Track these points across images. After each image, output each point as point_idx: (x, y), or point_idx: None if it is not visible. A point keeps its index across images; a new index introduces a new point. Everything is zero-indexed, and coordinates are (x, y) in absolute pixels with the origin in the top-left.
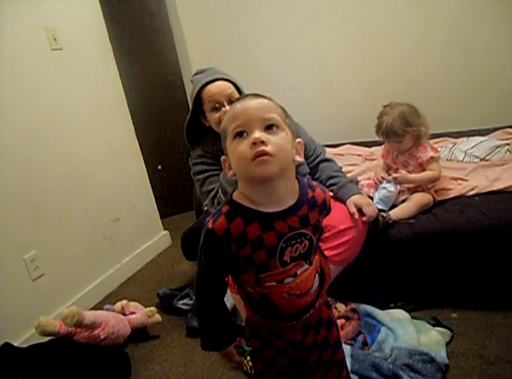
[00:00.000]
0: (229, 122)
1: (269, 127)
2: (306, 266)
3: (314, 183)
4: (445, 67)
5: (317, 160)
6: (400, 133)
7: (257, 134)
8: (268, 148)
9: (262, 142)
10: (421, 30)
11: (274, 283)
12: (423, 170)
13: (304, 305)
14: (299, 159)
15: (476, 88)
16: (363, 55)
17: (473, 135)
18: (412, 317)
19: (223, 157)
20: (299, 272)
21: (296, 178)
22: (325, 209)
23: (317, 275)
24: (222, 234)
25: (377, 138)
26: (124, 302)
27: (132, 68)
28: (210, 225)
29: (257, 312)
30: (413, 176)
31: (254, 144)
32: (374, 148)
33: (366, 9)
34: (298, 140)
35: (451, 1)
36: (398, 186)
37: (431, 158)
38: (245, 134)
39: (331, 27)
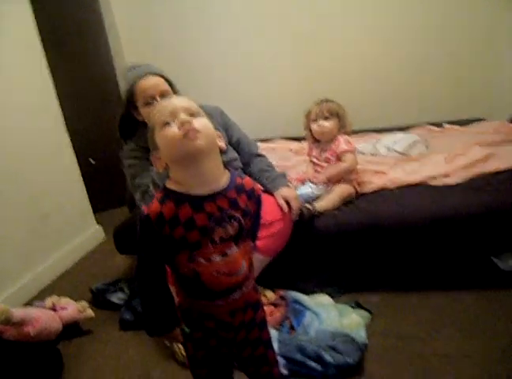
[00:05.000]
0: (156, 115)
1: (192, 115)
2: (235, 248)
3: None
4: (370, 66)
5: (249, 155)
6: (334, 110)
7: (183, 116)
8: (195, 125)
9: (189, 123)
10: (347, 29)
11: (203, 261)
12: None
13: (232, 284)
14: (222, 144)
15: (399, 87)
16: (294, 54)
17: (395, 130)
18: (336, 301)
19: (153, 155)
20: (228, 252)
21: (227, 169)
22: (253, 196)
23: (243, 261)
24: (156, 218)
25: None
26: (54, 297)
27: (63, 61)
28: (145, 211)
29: (189, 294)
30: (327, 172)
31: (182, 125)
32: (304, 143)
33: (298, 9)
34: (217, 133)
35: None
36: (322, 189)
37: (344, 151)
38: (172, 124)
39: (264, 26)
